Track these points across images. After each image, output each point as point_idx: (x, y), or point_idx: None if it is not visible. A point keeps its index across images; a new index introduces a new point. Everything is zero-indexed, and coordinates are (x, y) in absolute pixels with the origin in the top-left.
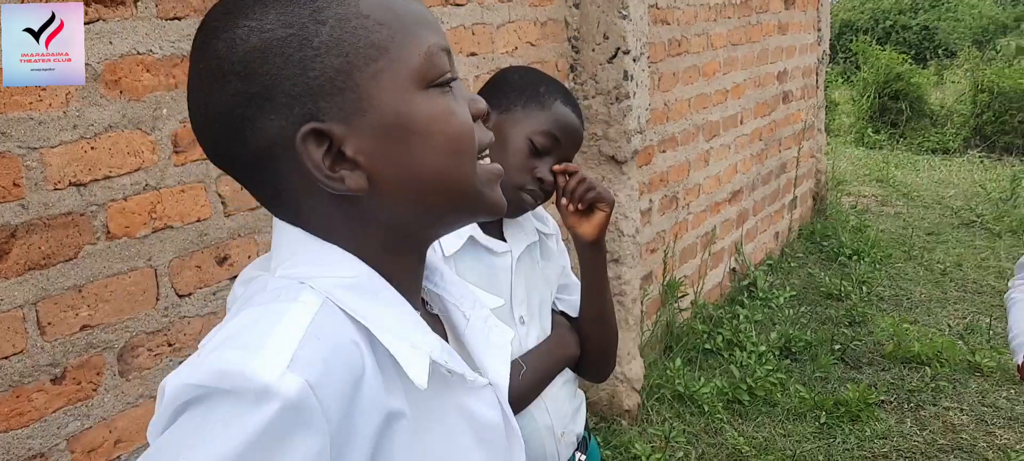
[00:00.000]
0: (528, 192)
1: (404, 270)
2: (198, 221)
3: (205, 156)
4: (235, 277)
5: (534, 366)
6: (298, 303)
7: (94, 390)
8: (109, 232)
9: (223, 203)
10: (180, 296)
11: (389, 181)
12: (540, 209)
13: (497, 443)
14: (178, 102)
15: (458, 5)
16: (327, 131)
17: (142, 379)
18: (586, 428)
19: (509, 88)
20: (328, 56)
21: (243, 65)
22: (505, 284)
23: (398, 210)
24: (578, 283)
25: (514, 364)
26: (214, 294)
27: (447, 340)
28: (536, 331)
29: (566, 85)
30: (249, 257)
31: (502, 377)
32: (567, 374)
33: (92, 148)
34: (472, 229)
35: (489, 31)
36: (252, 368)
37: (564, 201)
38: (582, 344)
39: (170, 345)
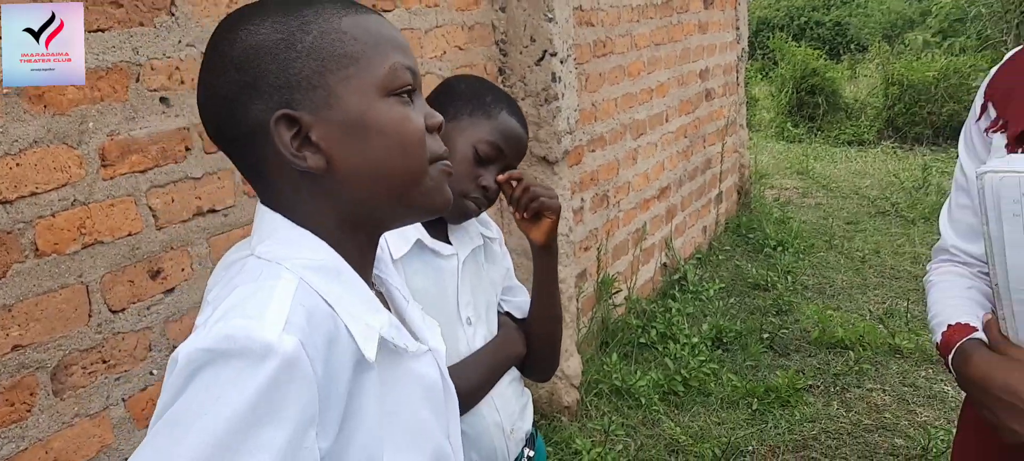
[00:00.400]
0: (472, 199)
1: (357, 248)
2: (129, 235)
3: (134, 170)
4: (169, 291)
5: (483, 364)
6: (282, 280)
7: (28, 411)
8: (38, 249)
9: (154, 216)
10: (113, 312)
11: (345, 166)
12: (483, 214)
13: (438, 399)
14: (104, 115)
15: (386, 11)
16: (297, 117)
17: (77, 398)
18: (533, 425)
19: (456, 96)
20: (308, 59)
21: (240, 59)
22: (452, 286)
23: (352, 192)
24: (521, 285)
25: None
26: (148, 309)
27: (392, 312)
28: (483, 331)
29: None
30: (183, 270)
31: (440, 345)
32: (513, 373)
33: (17, 164)
34: (419, 233)
35: (417, 36)
36: (256, 330)
37: (512, 210)
38: (529, 343)
39: (105, 362)
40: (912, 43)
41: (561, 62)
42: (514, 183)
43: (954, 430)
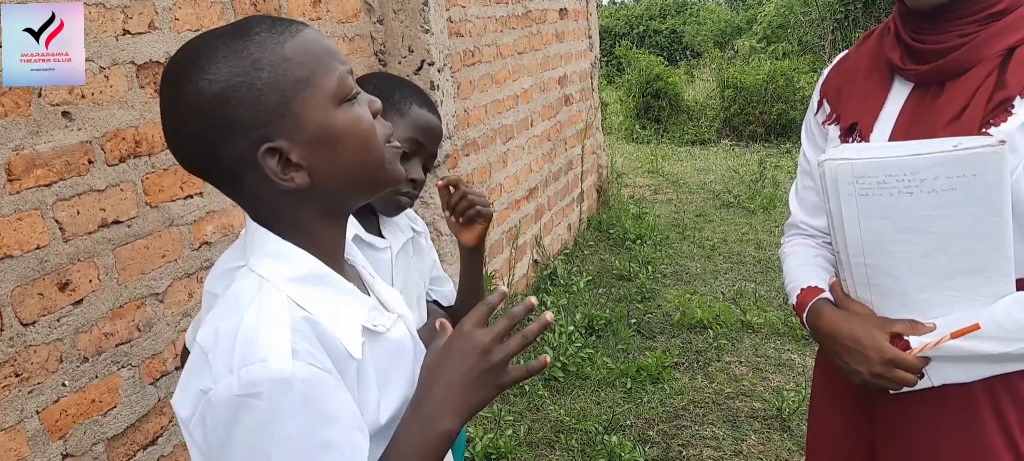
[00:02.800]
0: (404, 194)
1: (334, 232)
2: (37, 248)
3: (39, 183)
4: (77, 302)
5: None
6: (275, 308)
7: None
8: None
9: (61, 228)
10: (24, 325)
11: (323, 174)
12: (411, 209)
13: (409, 355)
14: (9, 130)
15: None
16: (277, 147)
17: None
18: None
19: None
20: (269, 94)
21: (210, 107)
22: (386, 277)
23: (330, 191)
24: (447, 276)
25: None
26: (58, 321)
27: (364, 287)
28: (414, 319)
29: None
30: (90, 281)
31: (406, 311)
32: None
33: None
34: (356, 228)
35: None
36: (272, 371)
37: (447, 214)
38: None
39: (17, 376)
40: (741, 49)
41: (438, 71)
42: (452, 189)
43: (802, 391)
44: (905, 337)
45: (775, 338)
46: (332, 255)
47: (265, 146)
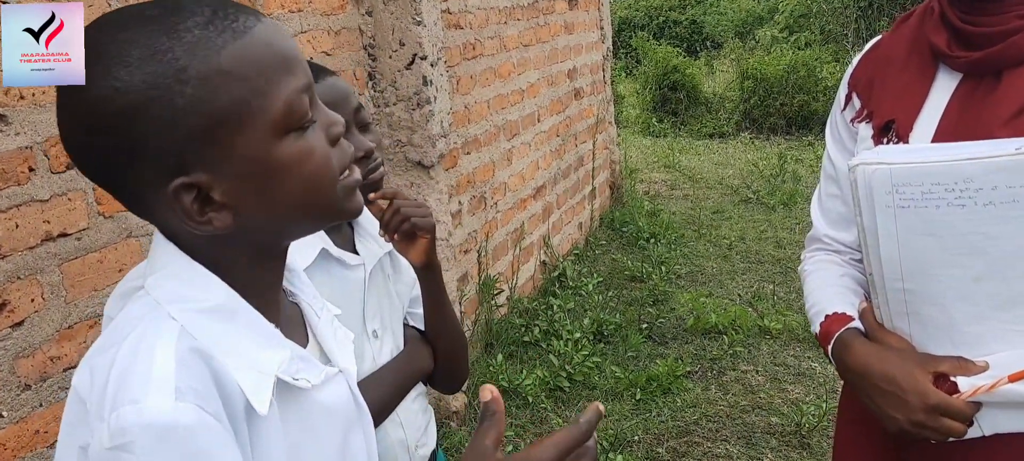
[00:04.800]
0: (367, 174)
1: (269, 275)
2: None
3: None
4: (16, 324)
5: (390, 380)
6: (162, 338)
7: None
8: None
9: None
10: None
11: (253, 216)
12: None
13: (345, 423)
14: None
15: None
16: (195, 182)
17: None
18: (437, 443)
19: None
20: (192, 115)
21: (115, 121)
22: (358, 298)
23: (261, 234)
24: None
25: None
26: None
27: (306, 329)
28: (390, 345)
29: (366, 94)
30: (32, 301)
31: (351, 364)
32: (419, 388)
33: None
34: (324, 242)
35: None
36: (146, 416)
37: (382, 233)
38: (434, 357)
39: None
40: (762, 39)
41: (432, 65)
42: (383, 204)
43: (824, 404)
44: (952, 378)
45: (794, 345)
46: (258, 292)
47: (178, 182)
